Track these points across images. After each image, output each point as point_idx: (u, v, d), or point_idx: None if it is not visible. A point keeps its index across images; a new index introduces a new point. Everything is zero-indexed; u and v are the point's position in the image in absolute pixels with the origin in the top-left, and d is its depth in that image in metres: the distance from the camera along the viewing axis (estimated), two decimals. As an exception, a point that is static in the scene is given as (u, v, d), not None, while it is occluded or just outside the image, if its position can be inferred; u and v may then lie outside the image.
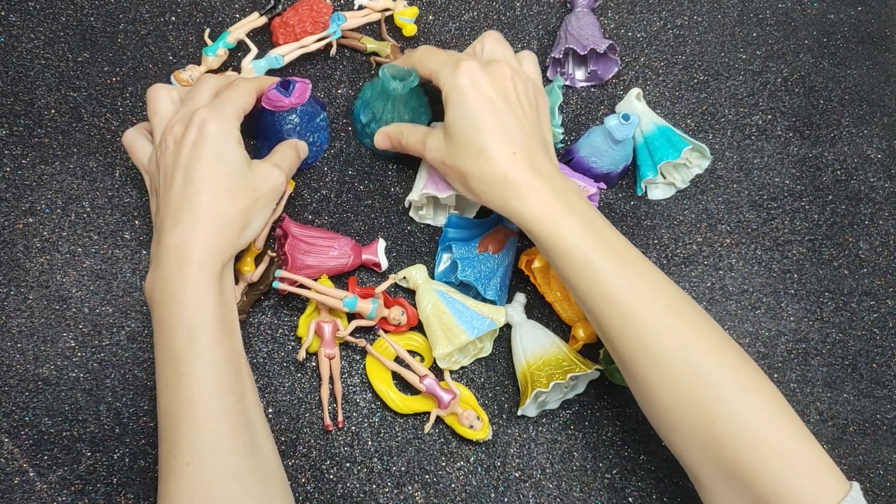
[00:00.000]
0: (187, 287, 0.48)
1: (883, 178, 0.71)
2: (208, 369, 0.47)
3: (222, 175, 0.51)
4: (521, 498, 0.59)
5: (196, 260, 0.48)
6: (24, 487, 0.56)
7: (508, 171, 0.51)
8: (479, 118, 0.52)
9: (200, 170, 0.50)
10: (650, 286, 0.49)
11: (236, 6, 0.68)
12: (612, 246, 0.50)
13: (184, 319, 0.48)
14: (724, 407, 0.45)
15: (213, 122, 0.51)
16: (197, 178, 0.50)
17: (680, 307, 0.49)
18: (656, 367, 0.47)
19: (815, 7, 0.75)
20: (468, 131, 0.52)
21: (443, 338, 0.59)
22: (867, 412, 0.64)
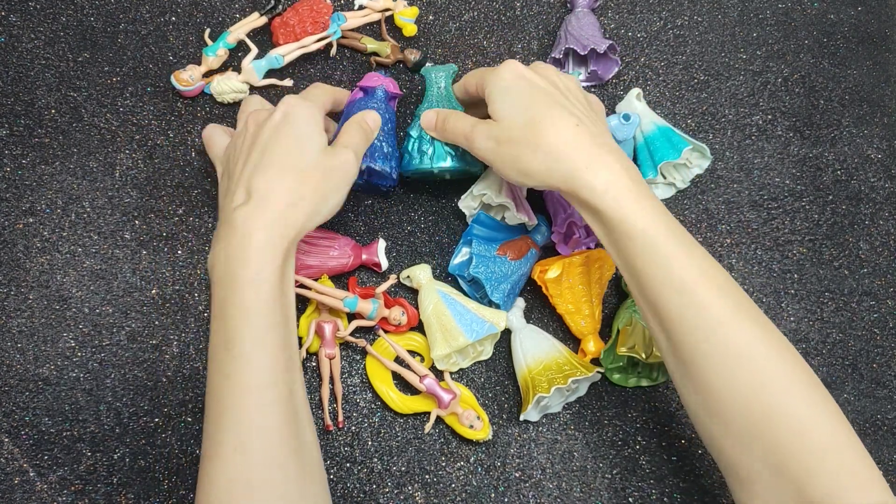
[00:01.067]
0: (248, 267, 0.46)
1: (883, 178, 0.71)
2: (262, 355, 0.46)
3: (295, 155, 0.50)
4: (522, 498, 0.59)
5: (259, 239, 0.47)
6: (24, 487, 0.56)
7: (573, 141, 0.48)
8: (531, 97, 0.51)
9: (277, 148, 0.50)
10: (721, 278, 0.47)
11: (236, 6, 0.68)
12: (682, 232, 0.48)
13: (242, 300, 0.46)
14: (787, 407, 0.44)
15: (300, 107, 0.52)
16: (271, 156, 0.49)
17: (748, 305, 0.47)
18: (716, 359, 0.45)
19: (815, 7, 0.75)
20: (520, 110, 0.51)
21: (441, 339, 0.59)
22: (867, 412, 0.64)
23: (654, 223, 0.47)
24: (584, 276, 0.61)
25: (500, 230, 0.62)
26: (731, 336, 0.45)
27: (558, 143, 0.49)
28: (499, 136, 0.51)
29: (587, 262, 0.62)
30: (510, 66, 0.53)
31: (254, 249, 0.47)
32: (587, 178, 0.48)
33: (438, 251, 0.64)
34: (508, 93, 0.52)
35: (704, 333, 0.46)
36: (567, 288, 0.61)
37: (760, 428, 0.44)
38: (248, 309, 0.46)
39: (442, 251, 0.64)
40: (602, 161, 0.48)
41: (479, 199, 0.61)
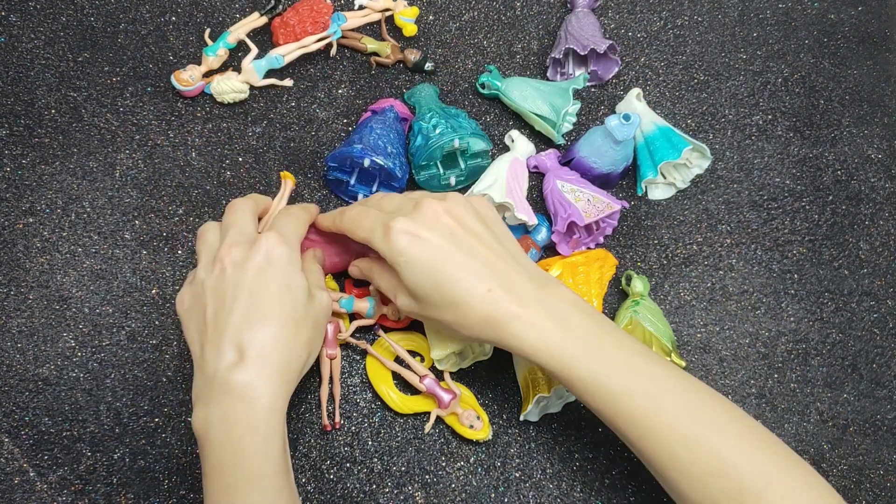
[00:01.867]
0: (257, 434, 0.44)
1: (883, 179, 0.71)
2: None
3: (289, 304, 0.47)
4: (522, 498, 0.59)
5: (265, 404, 0.44)
6: (24, 487, 0.56)
7: (490, 312, 0.46)
8: (435, 272, 0.47)
9: (268, 298, 0.46)
10: (671, 395, 0.46)
11: (236, 6, 0.68)
12: (619, 360, 0.46)
13: (249, 470, 0.44)
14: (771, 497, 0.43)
15: (280, 247, 0.48)
16: (264, 307, 0.46)
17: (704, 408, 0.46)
18: (689, 477, 0.45)
19: (815, 7, 0.75)
20: (431, 289, 0.47)
21: (440, 340, 0.59)
22: (867, 412, 0.64)
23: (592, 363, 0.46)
24: (584, 276, 0.61)
25: None
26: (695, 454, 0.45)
27: (479, 320, 0.47)
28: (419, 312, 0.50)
29: (587, 262, 0.62)
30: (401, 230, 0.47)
31: (262, 416, 0.44)
32: (515, 344, 0.46)
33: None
34: (411, 267, 0.47)
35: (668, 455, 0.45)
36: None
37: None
38: (256, 477, 0.44)
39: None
40: (523, 321, 0.46)
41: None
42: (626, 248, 0.66)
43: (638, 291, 0.62)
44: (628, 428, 0.46)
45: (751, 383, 0.63)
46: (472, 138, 0.61)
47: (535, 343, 0.46)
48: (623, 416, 0.46)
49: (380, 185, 0.63)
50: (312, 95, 0.67)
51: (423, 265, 0.47)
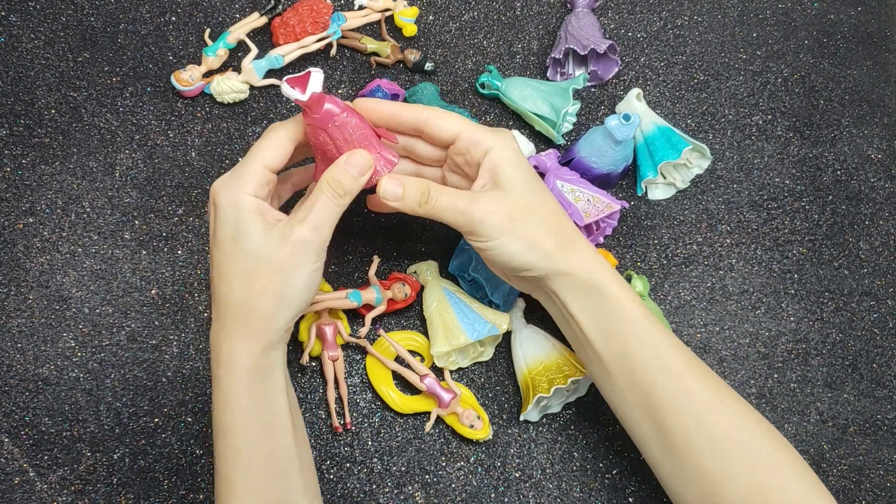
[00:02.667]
0: (220, 389, 0.46)
1: (883, 179, 0.71)
2: (244, 474, 0.45)
3: (238, 256, 0.46)
4: (522, 498, 0.59)
5: (223, 360, 0.46)
6: (24, 487, 0.56)
7: (576, 233, 0.50)
8: (539, 181, 0.50)
9: (218, 255, 0.47)
10: (701, 365, 0.49)
11: (236, 6, 0.68)
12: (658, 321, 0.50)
13: (219, 422, 0.46)
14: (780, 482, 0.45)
15: (221, 195, 0.46)
16: (216, 265, 0.47)
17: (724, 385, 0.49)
18: (710, 440, 0.46)
19: (815, 7, 0.75)
20: (536, 191, 0.49)
21: (442, 337, 0.59)
22: (867, 412, 0.64)
23: (644, 312, 0.49)
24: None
25: None
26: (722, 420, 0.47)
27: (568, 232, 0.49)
28: (509, 211, 0.47)
29: (587, 262, 0.62)
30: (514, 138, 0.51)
31: (221, 372, 0.46)
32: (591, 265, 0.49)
33: (439, 251, 0.64)
34: (521, 167, 0.49)
35: (696, 418, 0.47)
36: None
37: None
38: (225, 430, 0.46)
39: (442, 251, 0.64)
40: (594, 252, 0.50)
41: None
42: (626, 248, 0.66)
43: (638, 291, 0.62)
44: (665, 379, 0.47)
45: (751, 383, 0.63)
46: None
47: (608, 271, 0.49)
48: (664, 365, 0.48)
49: None
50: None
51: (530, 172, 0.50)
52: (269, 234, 0.46)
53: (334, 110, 0.45)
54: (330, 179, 0.46)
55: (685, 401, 0.47)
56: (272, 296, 0.46)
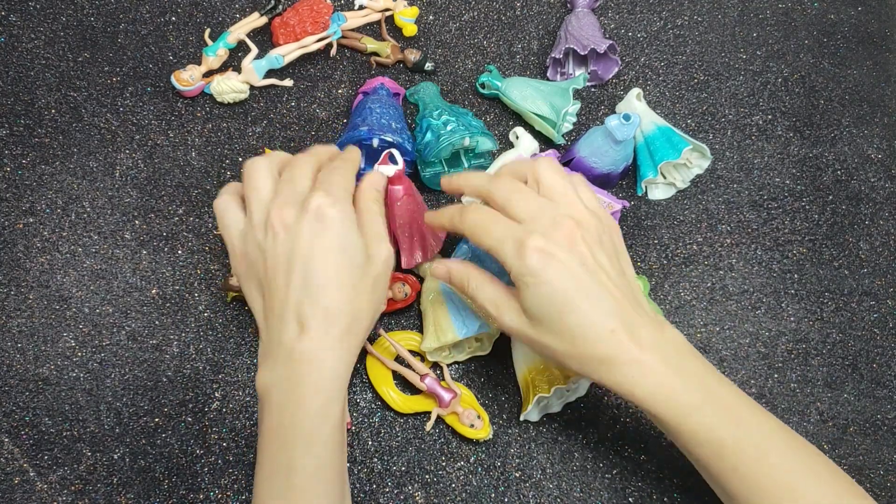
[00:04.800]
0: (320, 395, 0.45)
1: (883, 178, 0.71)
2: (321, 485, 0.45)
3: (346, 269, 0.46)
4: (522, 498, 0.59)
5: (329, 368, 0.45)
6: (24, 487, 0.56)
7: (609, 352, 0.45)
8: (563, 300, 0.45)
9: (324, 265, 0.46)
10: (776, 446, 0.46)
11: (236, 6, 0.68)
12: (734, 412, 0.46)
13: (307, 430, 0.45)
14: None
15: (332, 208, 0.46)
16: (321, 274, 0.46)
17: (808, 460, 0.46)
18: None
19: (815, 7, 0.75)
20: (552, 314, 0.46)
21: (432, 333, 0.59)
22: (867, 412, 0.64)
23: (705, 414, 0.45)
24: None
25: None
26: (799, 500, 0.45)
27: (594, 356, 0.46)
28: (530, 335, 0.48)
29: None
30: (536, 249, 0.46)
31: (326, 379, 0.45)
32: (629, 388, 0.46)
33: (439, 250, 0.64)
34: (538, 287, 0.46)
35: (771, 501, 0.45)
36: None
37: None
38: (313, 439, 0.45)
39: (442, 250, 0.64)
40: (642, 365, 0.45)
41: None
42: (627, 247, 0.66)
43: (638, 291, 0.62)
44: (731, 476, 0.46)
45: (751, 383, 0.63)
46: (482, 137, 0.61)
47: (651, 388, 0.45)
48: (729, 465, 0.45)
49: None
50: (312, 95, 0.67)
51: (551, 291, 0.45)
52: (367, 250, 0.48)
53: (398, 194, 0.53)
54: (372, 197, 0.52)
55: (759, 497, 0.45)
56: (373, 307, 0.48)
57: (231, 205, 0.50)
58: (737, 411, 0.46)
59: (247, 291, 0.49)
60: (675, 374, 0.45)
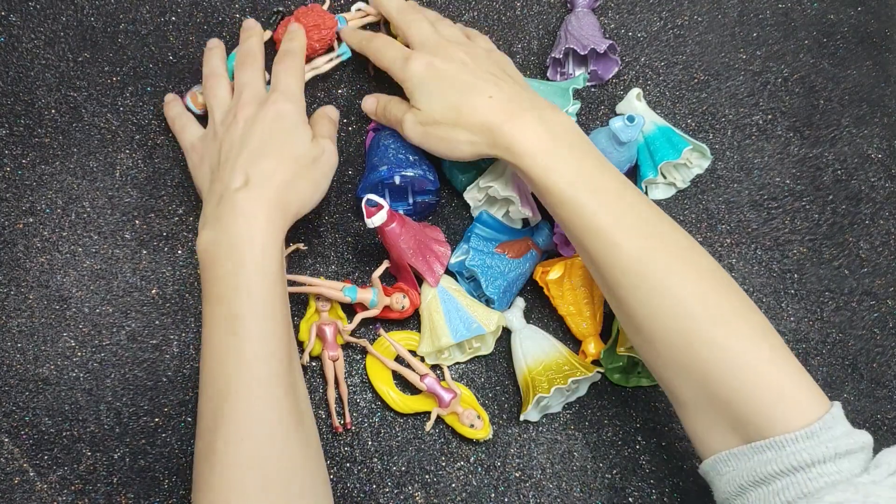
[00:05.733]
0: (254, 246, 0.49)
1: (883, 178, 0.71)
2: (265, 330, 0.48)
3: (290, 146, 0.53)
4: (521, 498, 0.59)
5: (264, 219, 0.49)
6: (24, 487, 0.56)
7: (487, 113, 0.52)
8: (445, 86, 0.54)
9: (273, 140, 0.53)
10: (635, 217, 0.50)
11: (236, 6, 0.68)
12: (595, 177, 0.50)
13: (246, 279, 0.48)
14: (704, 332, 0.46)
15: (287, 104, 0.55)
16: (269, 149, 0.52)
17: (664, 236, 0.50)
18: (637, 292, 0.48)
19: (815, 7, 0.75)
20: (437, 99, 0.54)
21: (427, 337, 0.59)
22: (867, 412, 0.64)
23: (567, 174, 0.50)
24: (585, 277, 0.61)
25: (502, 232, 0.62)
26: (647, 270, 0.48)
27: (476, 121, 0.52)
28: (424, 121, 0.55)
29: (587, 262, 0.62)
30: (419, 62, 0.55)
31: (259, 230, 0.49)
32: (504, 142, 0.51)
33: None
34: (423, 85, 0.55)
35: (622, 270, 0.49)
36: (569, 289, 0.61)
37: (685, 356, 0.47)
38: (253, 289, 0.48)
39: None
40: (517, 123, 0.51)
41: (484, 191, 0.61)
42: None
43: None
44: (591, 240, 0.50)
45: (751, 383, 0.63)
46: None
47: (521, 143, 0.50)
48: (588, 228, 0.49)
49: (414, 194, 0.62)
50: (312, 95, 0.67)
51: (434, 82, 0.54)
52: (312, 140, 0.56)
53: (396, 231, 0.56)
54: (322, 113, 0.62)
55: (612, 256, 0.49)
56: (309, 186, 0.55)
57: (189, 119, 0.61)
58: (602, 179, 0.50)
59: (197, 175, 0.57)
60: (548, 133, 0.51)
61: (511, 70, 0.58)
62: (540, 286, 0.62)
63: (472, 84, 0.53)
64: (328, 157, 0.56)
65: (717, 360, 0.46)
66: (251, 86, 0.57)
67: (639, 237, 0.49)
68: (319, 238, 0.63)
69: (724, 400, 0.46)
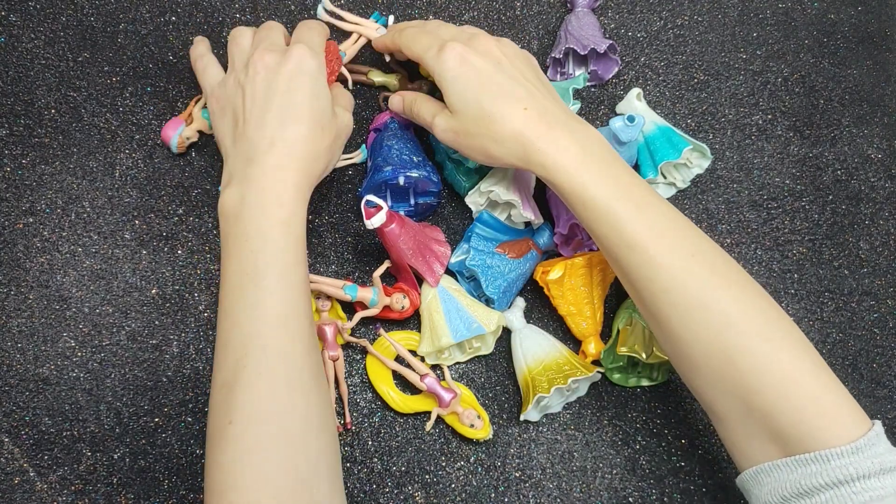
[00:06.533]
0: (283, 207, 0.49)
1: (883, 178, 0.71)
2: (290, 288, 0.48)
3: (317, 111, 0.53)
4: (522, 498, 0.59)
5: (292, 183, 0.50)
6: (24, 487, 0.56)
7: (522, 127, 0.51)
8: (478, 87, 0.52)
9: (300, 102, 0.52)
10: (672, 231, 0.49)
11: (236, 6, 0.68)
12: (632, 192, 0.50)
13: (274, 237, 0.49)
14: (746, 345, 0.46)
15: (312, 59, 0.53)
16: (296, 108, 0.52)
17: (703, 251, 0.49)
18: (676, 308, 0.48)
19: (815, 7, 0.75)
20: (471, 103, 0.52)
21: (427, 337, 0.59)
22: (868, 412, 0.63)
23: (604, 188, 0.49)
24: (586, 277, 0.61)
25: (502, 232, 0.62)
26: (688, 285, 0.48)
27: (510, 132, 0.51)
28: (456, 128, 0.54)
29: (589, 265, 0.62)
30: (453, 52, 0.53)
31: (289, 191, 0.50)
32: (539, 158, 0.50)
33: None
34: (457, 82, 0.53)
35: (661, 285, 0.48)
36: (569, 289, 0.61)
37: (725, 369, 0.47)
38: (279, 246, 0.49)
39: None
40: (550, 140, 0.50)
41: (486, 195, 0.61)
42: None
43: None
44: (628, 254, 0.49)
45: (751, 383, 0.63)
46: None
47: (556, 159, 0.50)
48: (626, 241, 0.49)
49: (416, 196, 0.62)
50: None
51: (467, 82, 0.52)
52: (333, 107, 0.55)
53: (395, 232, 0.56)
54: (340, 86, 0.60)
55: (649, 272, 0.49)
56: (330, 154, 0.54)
57: (211, 60, 0.60)
58: (640, 194, 0.50)
59: (218, 124, 0.55)
60: (581, 149, 0.50)
61: (540, 74, 0.57)
62: (540, 286, 0.62)
63: (508, 90, 0.52)
64: (348, 129, 0.57)
65: (760, 373, 0.46)
66: (270, 38, 0.56)
67: (679, 253, 0.48)
68: (319, 238, 0.63)
69: (765, 412, 0.46)
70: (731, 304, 0.47)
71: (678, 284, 0.48)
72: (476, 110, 0.52)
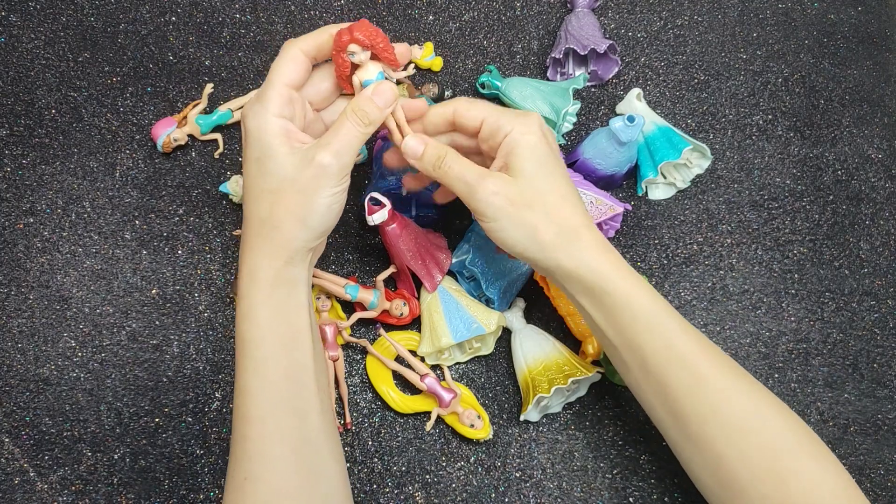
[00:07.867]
0: (244, 300, 0.47)
1: (883, 178, 0.71)
2: (263, 386, 0.46)
3: (261, 178, 0.47)
4: (522, 498, 0.59)
5: (246, 273, 0.47)
6: (24, 487, 0.56)
7: (583, 225, 0.48)
8: (553, 167, 0.48)
9: (247, 176, 0.48)
10: (714, 349, 0.48)
11: (236, 6, 0.68)
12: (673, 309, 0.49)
13: (240, 333, 0.47)
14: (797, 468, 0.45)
15: (249, 118, 0.47)
16: (246, 186, 0.48)
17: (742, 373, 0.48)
18: (725, 428, 0.46)
19: (815, 7, 0.75)
20: (545, 177, 0.48)
21: (428, 337, 0.59)
22: (868, 412, 0.64)
23: (653, 302, 0.48)
24: (584, 276, 0.61)
25: None
26: (737, 406, 0.46)
27: (572, 228, 0.48)
28: (512, 196, 0.48)
29: (587, 262, 0.62)
30: (539, 122, 0.49)
31: (243, 285, 0.47)
32: (595, 263, 0.47)
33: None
34: (536, 151, 0.48)
35: (711, 407, 0.46)
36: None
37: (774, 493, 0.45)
38: (245, 342, 0.47)
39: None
40: (604, 247, 0.48)
41: None
42: (627, 248, 0.66)
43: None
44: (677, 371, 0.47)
45: (751, 383, 0.63)
46: None
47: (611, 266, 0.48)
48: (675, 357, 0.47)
49: (417, 207, 0.62)
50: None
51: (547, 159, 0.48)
52: (293, 156, 0.46)
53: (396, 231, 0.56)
54: (356, 108, 0.47)
55: (699, 390, 0.46)
56: (294, 215, 0.47)
57: None
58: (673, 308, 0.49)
59: None
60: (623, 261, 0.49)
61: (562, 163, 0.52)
62: (540, 286, 0.62)
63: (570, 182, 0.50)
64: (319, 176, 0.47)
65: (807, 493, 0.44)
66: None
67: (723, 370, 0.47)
68: (319, 238, 0.63)
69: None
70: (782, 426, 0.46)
71: (727, 403, 0.46)
72: (547, 185, 0.48)
